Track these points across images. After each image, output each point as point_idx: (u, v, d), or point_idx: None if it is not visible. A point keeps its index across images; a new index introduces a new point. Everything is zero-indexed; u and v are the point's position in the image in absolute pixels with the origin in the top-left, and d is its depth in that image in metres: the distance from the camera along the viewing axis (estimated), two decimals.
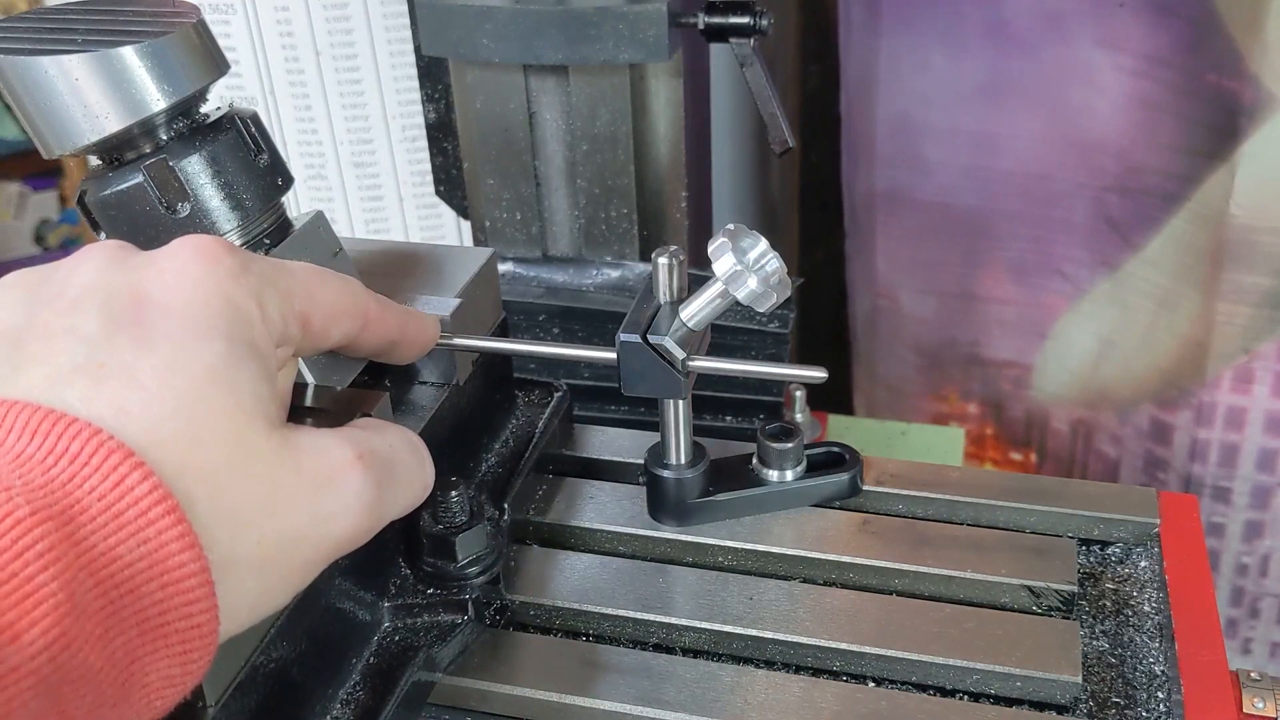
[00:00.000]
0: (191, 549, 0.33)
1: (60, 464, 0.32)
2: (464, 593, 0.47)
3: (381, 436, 0.41)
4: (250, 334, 0.37)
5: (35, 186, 1.57)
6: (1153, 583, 0.51)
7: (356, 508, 0.39)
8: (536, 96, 0.66)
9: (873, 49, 1.00)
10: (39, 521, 0.30)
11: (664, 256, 0.48)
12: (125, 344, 0.35)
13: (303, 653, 0.43)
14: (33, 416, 0.32)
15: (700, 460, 0.52)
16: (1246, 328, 0.92)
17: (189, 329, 0.36)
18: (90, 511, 0.31)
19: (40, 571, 0.30)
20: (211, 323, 0.36)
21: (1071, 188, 0.97)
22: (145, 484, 0.32)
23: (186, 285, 0.36)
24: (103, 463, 0.32)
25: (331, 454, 0.38)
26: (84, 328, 0.35)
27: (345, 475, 0.38)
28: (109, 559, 0.31)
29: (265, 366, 0.37)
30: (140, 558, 0.32)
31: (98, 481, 0.32)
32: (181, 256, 0.37)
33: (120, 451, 0.32)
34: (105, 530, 0.31)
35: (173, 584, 0.33)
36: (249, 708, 0.40)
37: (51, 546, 0.30)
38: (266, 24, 0.81)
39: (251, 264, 0.38)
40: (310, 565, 0.38)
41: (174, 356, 0.35)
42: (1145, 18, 0.88)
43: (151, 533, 0.32)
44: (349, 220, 0.88)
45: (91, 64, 0.40)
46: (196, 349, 0.35)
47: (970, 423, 1.13)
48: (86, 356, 0.34)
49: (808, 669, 0.47)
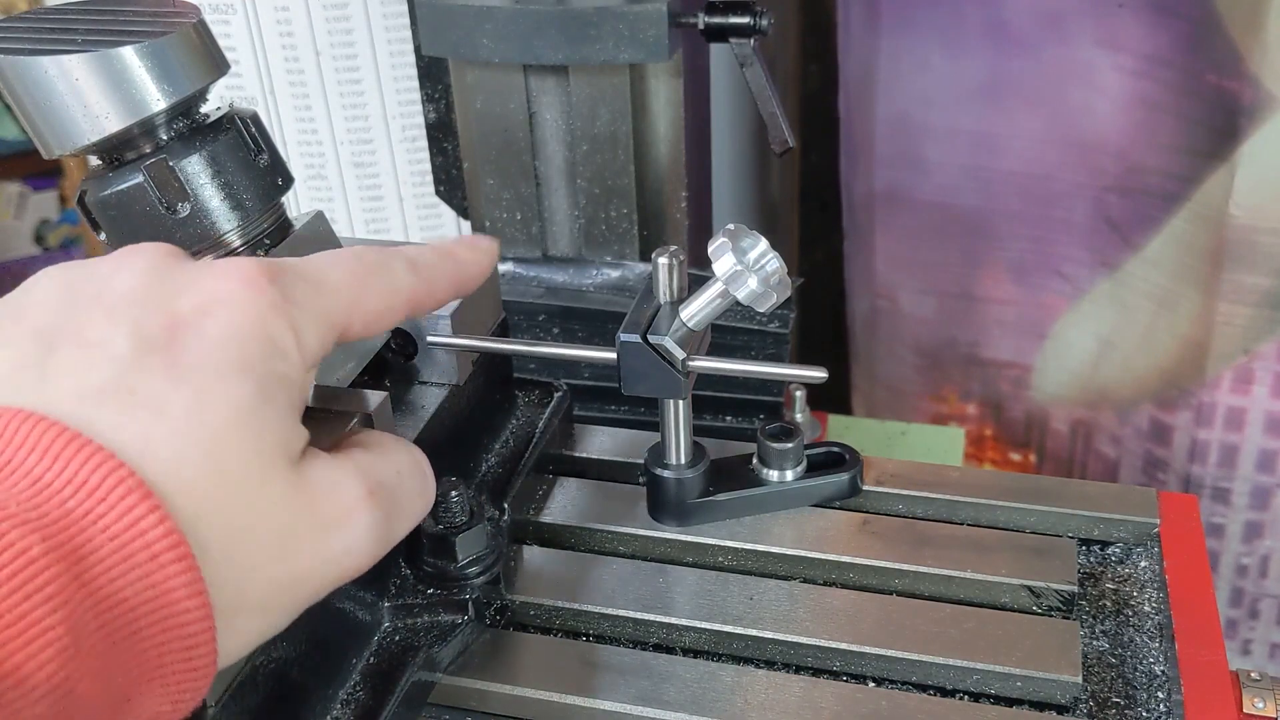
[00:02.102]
0: (198, 595, 0.33)
1: (78, 496, 0.31)
2: (464, 593, 0.47)
3: (388, 461, 0.41)
4: (284, 368, 0.37)
5: (35, 186, 1.57)
6: (1153, 583, 0.51)
7: (364, 545, 0.39)
8: (536, 96, 0.66)
9: (873, 49, 1.00)
10: (51, 562, 0.30)
11: (664, 256, 0.48)
12: (157, 370, 0.34)
13: (303, 653, 0.43)
14: (57, 439, 0.32)
15: (700, 460, 0.52)
16: (1246, 328, 0.91)
17: (223, 364, 0.35)
18: (101, 551, 0.31)
19: (48, 614, 0.30)
20: (246, 360, 0.35)
21: (1071, 188, 0.97)
22: (160, 527, 0.32)
23: (225, 316, 0.36)
24: (120, 501, 0.32)
25: (344, 492, 0.38)
26: (117, 345, 0.34)
27: (356, 515, 0.38)
28: (114, 600, 0.31)
29: (293, 399, 0.37)
30: (146, 600, 0.32)
31: (112, 520, 0.31)
32: (227, 283, 0.37)
33: (139, 491, 0.32)
34: (114, 571, 0.31)
35: (175, 628, 0.32)
36: (249, 708, 0.40)
37: (61, 589, 0.30)
38: (266, 24, 0.81)
39: (293, 290, 0.38)
40: (311, 600, 0.38)
41: (205, 392, 0.34)
42: (1145, 18, 0.88)
43: (160, 577, 0.32)
44: (349, 220, 0.88)
45: (91, 64, 0.40)
46: (228, 387, 0.35)
47: (970, 423, 1.13)
48: (117, 377, 0.34)
49: (808, 669, 0.47)
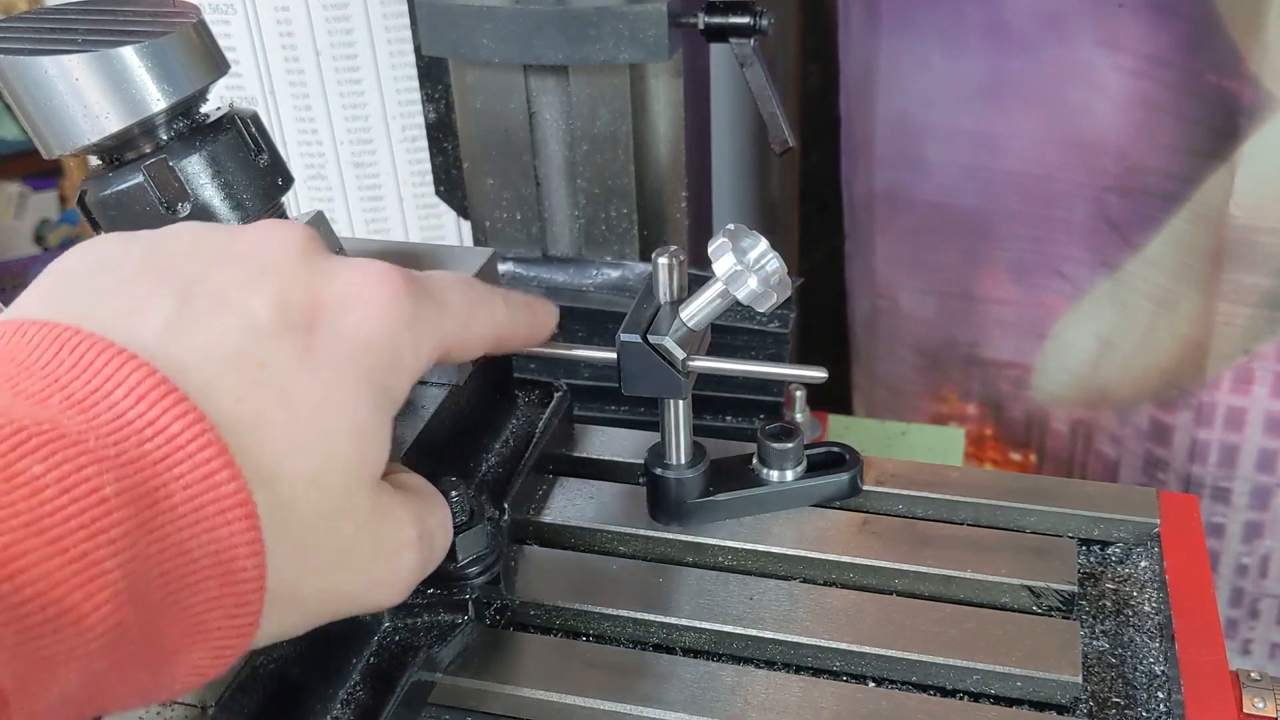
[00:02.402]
0: (256, 556, 0.33)
1: (156, 440, 0.31)
2: (464, 593, 0.47)
3: (433, 514, 0.42)
4: (397, 384, 0.37)
5: (35, 186, 1.57)
6: (1153, 583, 0.51)
7: (403, 584, 0.40)
8: (536, 96, 0.66)
9: (873, 49, 1.00)
10: (121, 504, 0.30)
11: (664, 256, 0.48)
12: (291, 352, 0.34)
13: (303, 653, 0.43)
14: (145, 379, 0.32)
15: (700, 460, 0.52)
16: (1246, 328, 0.91)
17: (351, 367, 0.36)
18: (174, 499, 0.31)
19: (110, 557, 0.29)
20: (373, 368, 0.36)
21: (1071, 188, 0.97)
22: (232, 484, 0.32)
23: (364, 314, 0.36)
24: (198, 451, 0.32)
25: (403, 530, 0.39)
26: (257, 312, 0.34)
27: (405, 554, 0.39)
28: (177, 551, 0.31)
29: (393, 412, 0.38)
30: (209, 554, 0.32)
31: (187, 470, 0.31)
32: (368, 280, 0.37)
33: (216, 445, 0.32)
34: (182, 522, 0.31)
35: (230, 585, 0.32)
36: (249, 708, 0.40)
37: (127, 533, 0.30)
38: (266, 24, 0.81)
39: (421, 306, 0.38)
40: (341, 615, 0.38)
41: (332, 392, 0.35)
42: (1145, 18, 0.88)
43: (225, 532, 0.32)
44: (349, 220, 0.88)
45: (91, 64, 0.40)
46: (352, 396, 0.35)
47: (970, 423, 1.13)
48: (251, 346, 0.34)
49: (808, 669, 0.47)
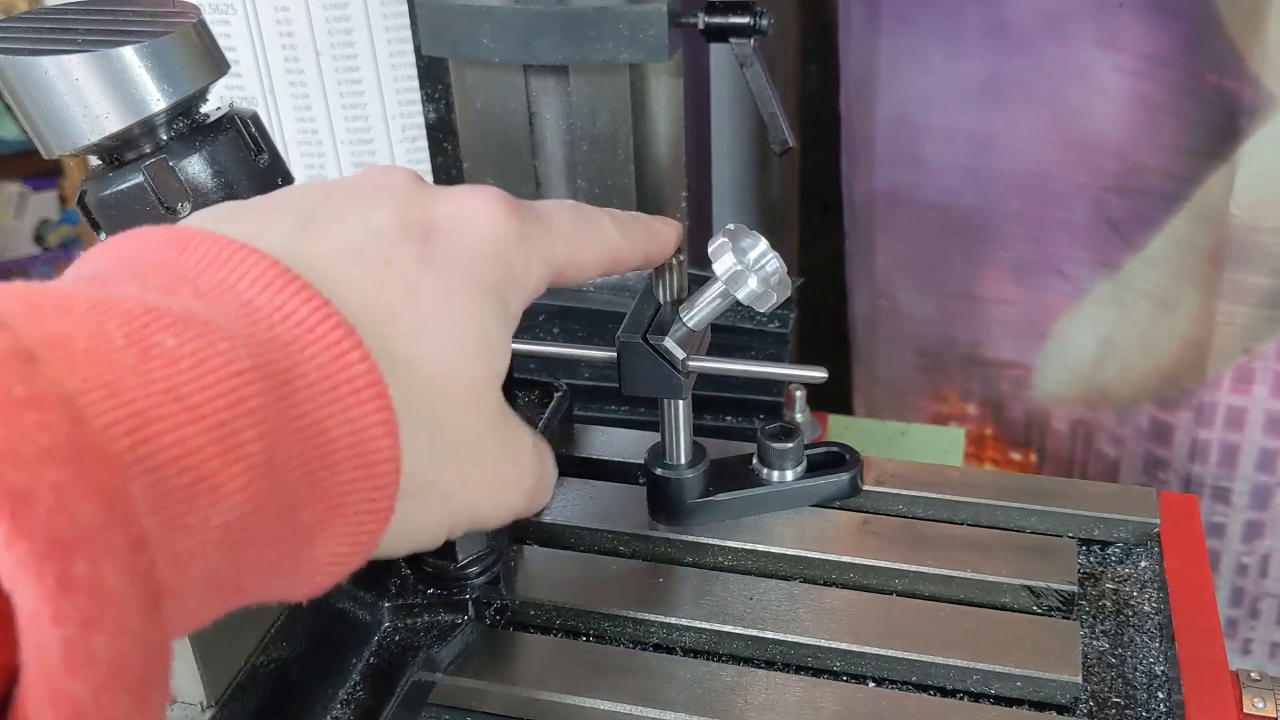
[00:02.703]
0: (390, 436, 0.33)
1: (287, 324, 0.32)
2: (464, 593, 0.47)
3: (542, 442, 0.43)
4: (513, 298, 0.38)
5: (35, 186, 1.57)
6: (1153, 583, 0.51)
7: (525, 487, 0.41)
8: (536, 96, 0.66)
9: (873, 49, 1.00)
10: (257, 377, 0.30)
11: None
12: (413, 253, 0.35)
13: (303, 653, 0.43)
14: (268, 270, 0.32)
15: (700, 460, 0.52)
16: (1246, 328, 0.91)
17: (469, 272, 0.37)
18: (309, 378, 0.31)
19: (248, 428, 0.29)
20: (488, 280, 0.37)
21: (1071, 188, 0.97)
22: (363, 364, 0.32)
23: (478, 229, 0.37)
24: (328, 333, 0.32)
25: (523, 432, 0.41)
26: (379, 221, 0.36)
27: (527, 455, 0.41)
28: (315, 429, 0.31)
29: (511, 328, 0.39)
30: (345, 434, 0.32)
31: (319, 350, 0.32)
32: (476, 199, 0.38)
33: (344, 328, 0.32)
34: (318, 400, 0.31)
35: (366, 465, 0.33)
36: (249, 708, 0.40)
37: (263, 404, 0.30)
38: (266, 24, 0.81)
39: (529, 226, 0.39)
40: (469, 521, 0.39)
41: (455, 289, 0.36)
42: (1145, 18, 0.88)
43: (359, 411, 0.32)
44: None
45: (91, 64, 0.40)
46: (472, 295, 0.36)
47: (970, 423, 1.13)
48: (375, 245, 0.35)
49: (808, 669, 0.47)
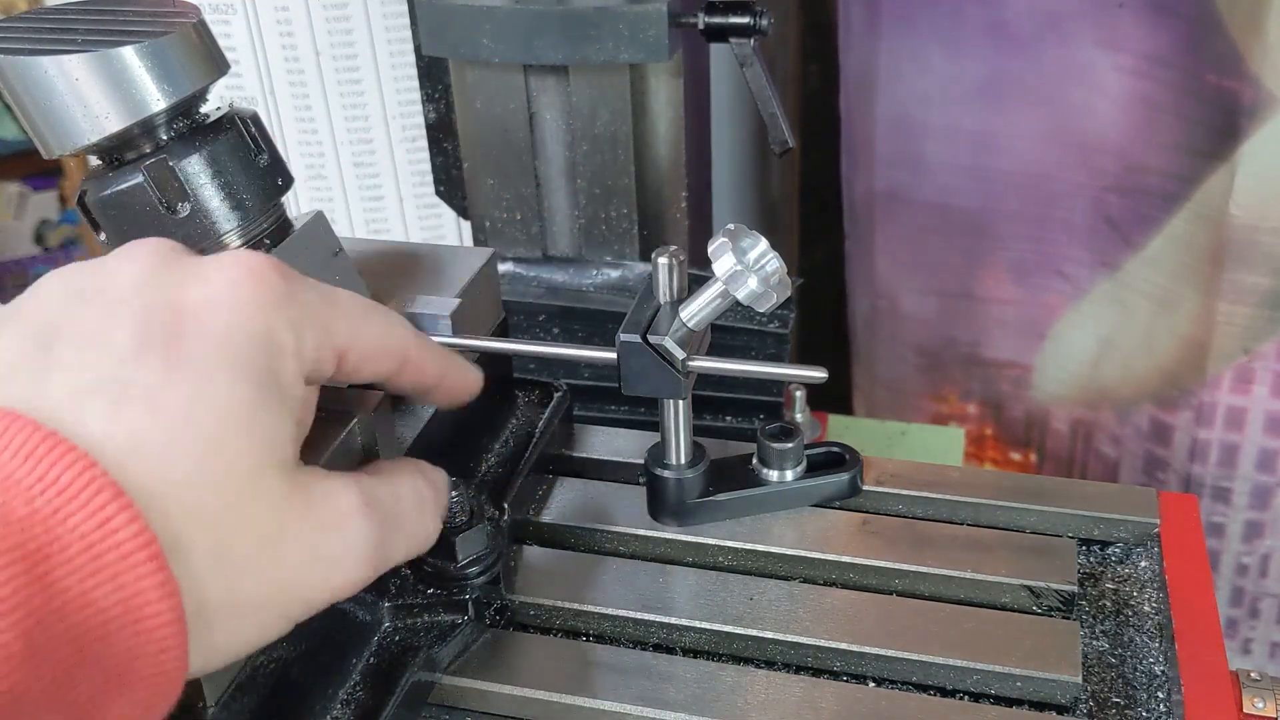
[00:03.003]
0: (170, 598, 0.32)
1: (47, 494, 0.31)
2: (464, 593, 0.47)
3: (389, 486, 0.41)
4: (281, 369, 0.36)
5: (35, 186, 1.57)
6: (1153, 583, 0.51)
7: (359, 554, 0.39)
8: (536, 96, 0.66)
9: (873, 49, 1.00)
10: (8, 562, 0.29)
11: (664, 256, 0.48)
12: (155, 365, 0.34)
13: (303, 653, 0.43)
14: (31, 436, 0.31)
15: (700, 460, 0.52)
16: (1246, 328, 0.91)
17: (223, 361, 0.35)
18: (70, 551, 0.31)
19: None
20: (246, 356, 0.35)
21: (1071, 188, 0.97)
22: (131, 526, 0.31)
23: (229, 308, 0.36)
24: (91, 499, 0.31)
25: (338, 499, 0.38)
26: (116, 339, 0.34)
27: (350, 522, 0.38)
28: (82, 603, 0.31)
29: (289, 405, 0.37)
30: (116, 603, 0.31)
31: (82, 519, 0.31)
32: (232, 274, 0.37)
33: (110, 490, 0.31)
34: (83, 572, 0.31)
35: (146, 632, 0.32)
36: (249, 708, 0.40)
37: (15, 592, 0.29)
38: (266, 24, 0.81)
39: (298, 293, 0.38)
40: (308, 606, 0.38)
41: (201, 389, 0.34)
42: (1145, 18, 0.88)
43: (130, 578, 0.31)
44: (349, 220, 0.88)
45: (91, 64, 0.40)
46: (226, 386, 0.35)
47: (970, 423, 1.13)
48: (113, 371, 0.34)
49: (808, 669, 0.47)
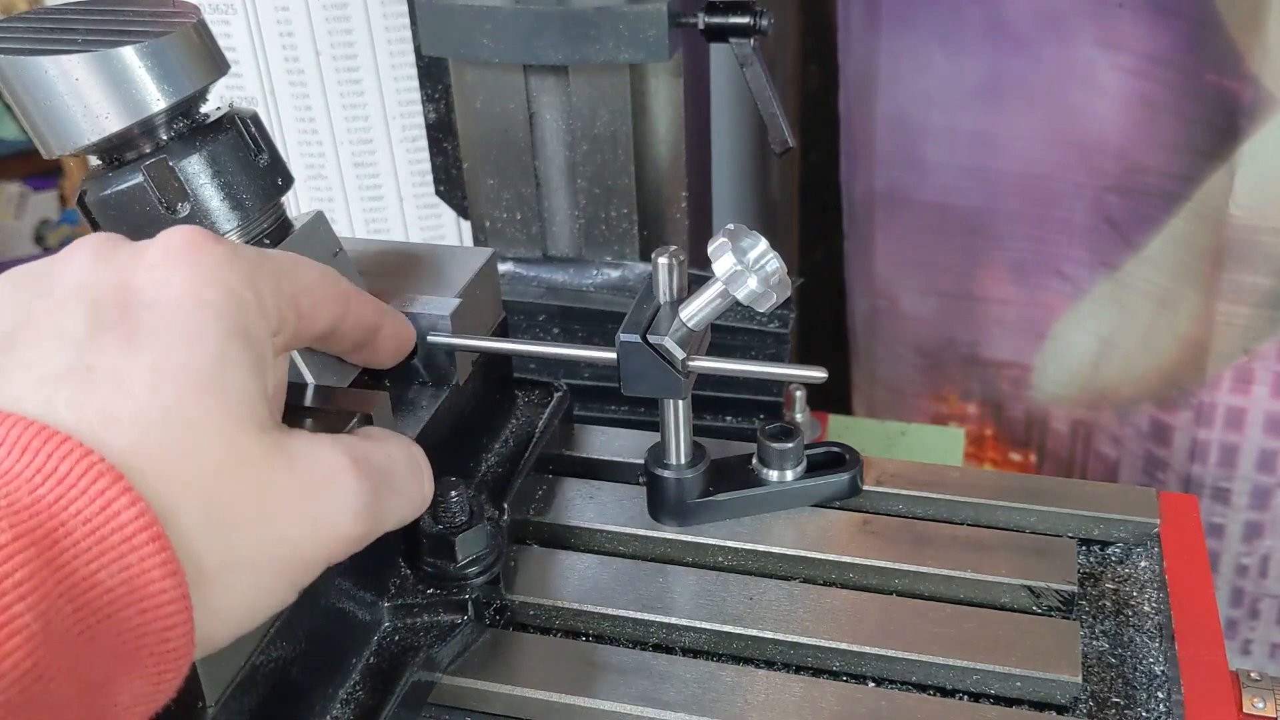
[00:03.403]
0: (173, 575, 0.32)
1: (48, 484, 0.31)
2: (464, 593, 0.47)
3: (380, 446, 0.41)
4: (245, 323, 0.37)
5: (35, 186, 1.57)
6: (1153, 583, 0.51)
7: (351, 512, 0.38)
8: (536, 96, 0.66)
9: (873, 49, 1.00)
10: (21, 548, 0.30)
11: (664, 256, 0.48)
12: (113, 345, 0.34)
13: (303, 653, 0.43)
14: (24, 432, 0.32)
15: (700, 460, 0.52)
16: (1246, 328, 0.91)
17: (179, 328, 0.35)
18: (74, 535, 0.31)
19: (17, 601, 0.29)
20: (203, 319, 0.35)
21: (1071, 188, 0.97)
22: (132, 509, 0.32)
23: (177, 279, 0.36)
24: (90, 485, 0.31)
25: (325, 458, 0.38)
26: (71, 327, 0.34)
27: (339, 479, 0.38)
28: (89, 584, 0.31)
29: (259, 360, 0.37)
30: (121, 583, 0.32)
31: (84, 505, 0.31)
32: (171, 249, 0.37)
33: (109, 475, 0.32)
34: (88, 555, 0.31)
35: (151, 609, 0.32)
36: (249, 708, 0.40)
37: (31, 575, 0.30)
38: (266, 24, 0.81)
39: (240, 253, 0.38)
40: (307, 566, 0.38)
41: (164, 359, 0.34)
42: (1145, 18, 0.88)
43: (134, 559, 0.32)
44: (349, 220, 0.88)
45: (91, 64, 0.40)
46: (187, 351, 0.35)
47: (970, 423, 1.13)
48: (75, 358, 0.34)
49: (808, 669, 0.47)
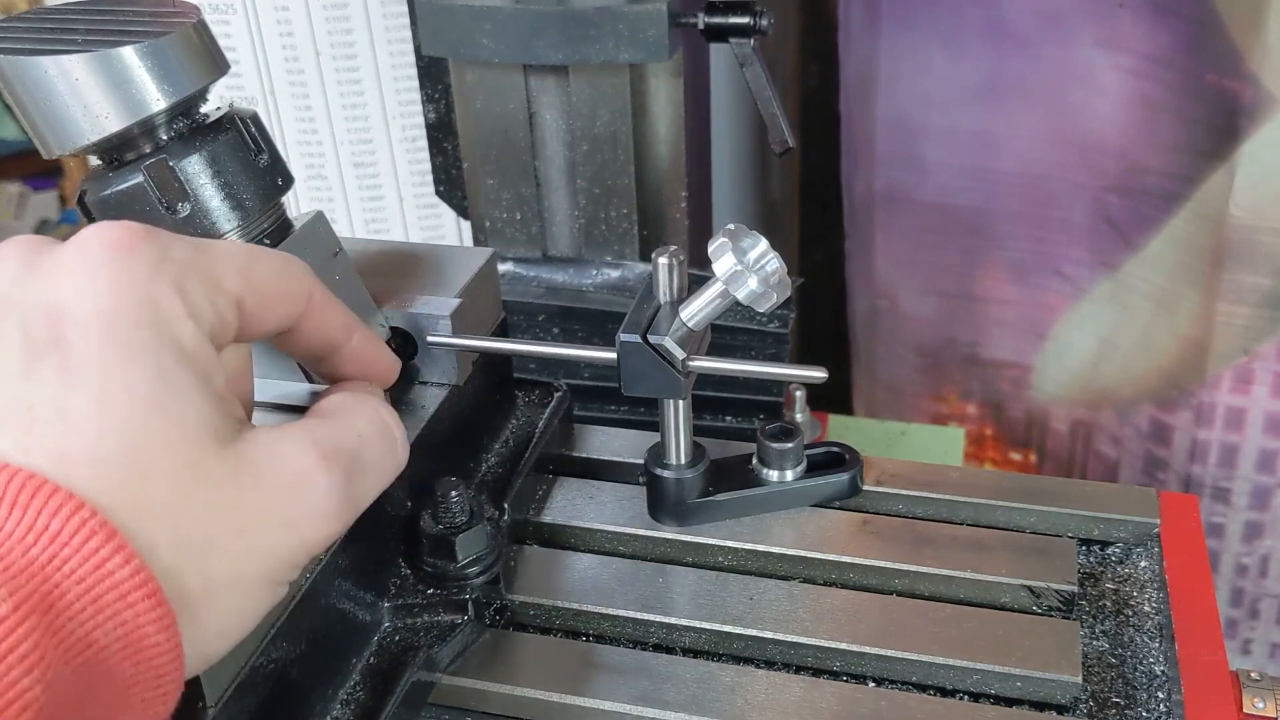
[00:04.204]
0: (167, 629, 0.32)
1: (40, 543, 0.30)
2: (464, 593, 0.47)
3: (346, 424, 0.40)
4: (177, 334, 0.35)
5: (35, 186, 1.57)
6: (1153, 583, 0.51)
7: (327, 508, 0.37)
8: (536, 96, 0.66)
9: (873, 49, 1.00)
10: (22, 618, 0.29)
11: (664, 256, 0.48)
12: (50, 376, 0.33)
13: (303, 653, 0.43)
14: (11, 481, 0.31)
15: (700, 460, 0.52)
16: (1246, 328, 0.92)
17: (113, 348, 0.33)
18: (69, 596, 0.31)
19: (23, 676, 0.29)
20: (136, 335, 0.34)
21: (1071, 188, 0.97)
22: (126, 568, 0.31)
23: (101, 289, 0.34)
24: (84, 544, 0.31)
25: (291, 459, 0.37)
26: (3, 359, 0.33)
27: (309, 480, 0.37)
28: (84, 645, 0.31)
29: (200, 369, 0.35)
30: (116, 639, 0.31)
31: (78, 564, 0.31)
32: (92, 253, 0.35)
33: (103, 531, 0.31)
34: (83, 615, 0.31)
35: (145, 661, 0.32)
36: (249, 708, 0.40)
37: (35, 645, 0.29)
38: (266, 24, 0.81)
39: (170, 249, 0.36)
40: (289, 568, 0.37)
41: (103, 386, 0.33)
42: (1145, 18, 0.88)
43: (129, 615, 0.32)
44: (349, 220, 0.88)
45: (91, 64, 0.40)
46: (126, 374, 0.33)
47: (970, 423, 1.13)
48: (14, 398, 0.33)
49: (808, 669, 0.47)
